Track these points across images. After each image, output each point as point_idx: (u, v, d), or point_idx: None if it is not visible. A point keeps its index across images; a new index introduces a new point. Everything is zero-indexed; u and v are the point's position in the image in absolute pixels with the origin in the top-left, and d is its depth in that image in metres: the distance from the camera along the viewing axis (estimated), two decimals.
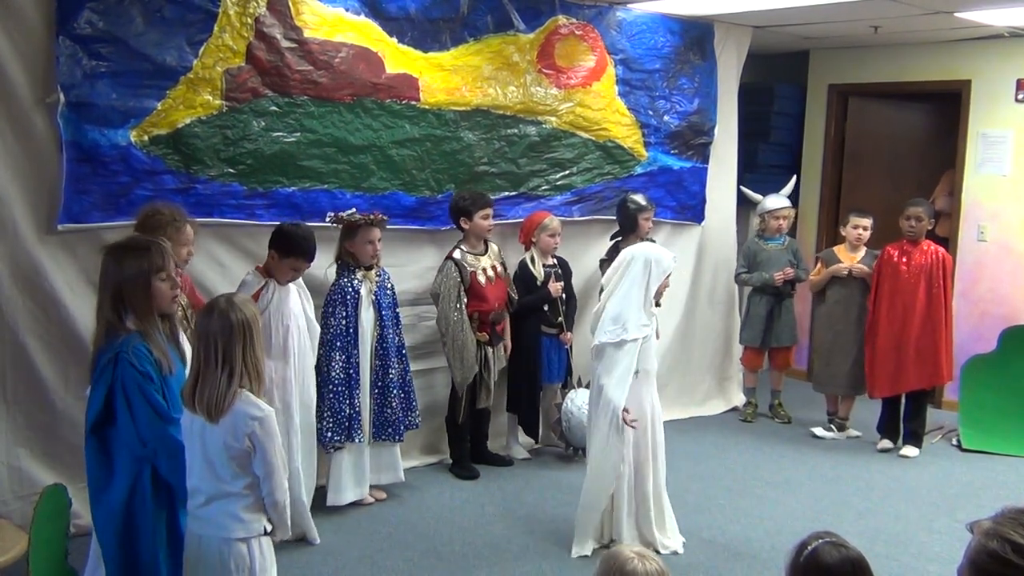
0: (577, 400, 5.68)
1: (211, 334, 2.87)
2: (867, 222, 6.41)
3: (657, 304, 4.49)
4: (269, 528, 2.97)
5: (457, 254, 5.43)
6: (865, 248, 6.43)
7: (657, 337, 4.72)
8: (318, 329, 4.73)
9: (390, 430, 5.05)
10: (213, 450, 2.89)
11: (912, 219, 6.13)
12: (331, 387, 4.83)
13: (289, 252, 4.44)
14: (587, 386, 5.83)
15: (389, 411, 5.03)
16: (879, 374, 6.24)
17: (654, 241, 5.95)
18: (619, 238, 6.08)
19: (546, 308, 5.78)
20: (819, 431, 6.56)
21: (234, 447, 2.86)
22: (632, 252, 4.49)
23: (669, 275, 4.44)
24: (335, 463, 4.94)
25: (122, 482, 3.10)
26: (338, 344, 4.85)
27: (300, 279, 4.66)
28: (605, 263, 6.02)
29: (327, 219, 4.96)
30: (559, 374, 5.92)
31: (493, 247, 5.63)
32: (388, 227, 5.13)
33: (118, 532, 3.11)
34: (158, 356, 3.11)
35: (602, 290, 4.57)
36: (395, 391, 5.04)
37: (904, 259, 6.16)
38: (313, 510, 4.90)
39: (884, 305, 6.18)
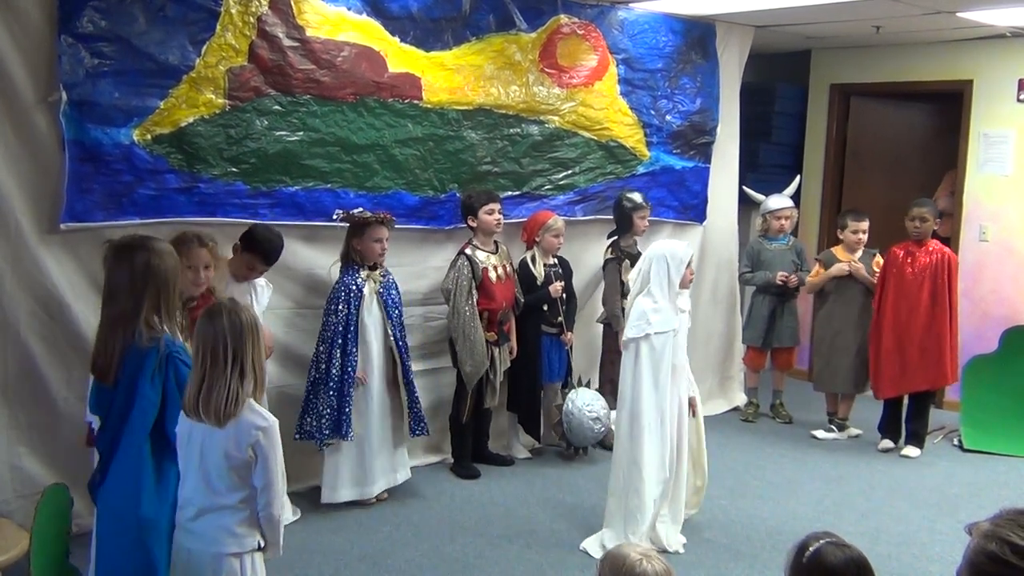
0: (578, 401, 5.68)
1: (219, 335, 2.78)
2: (865, 225, 6.40)
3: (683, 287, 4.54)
4: (262, 543, 2.89)
5: (469, 250, 5.45)
6: (863, 248, 6.43)
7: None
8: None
9: (411, 423, 5.08)
10: (211, 460, 2.81)
11: (917, 219, 6.11)
12: (330, 384, 4.84)
13: (249, 248, 4.56)
14: (587, 385, 5.87)
15: (417, 406, 5.08)
16: (884, 375, 6.22)
17: (635, 242, 6.02)
18: (615, 237, 6.09)
19: (546, 308, 5.78)
20: (819, 434, 6.55)
21: (235, 457, 2.78)
22: (648, 254, 4.57)
23: (690, 264, 4.53)
24: (330, 461, 4.94)
25: (172, 483, 3.07)
26: (339, 341, 4.86)
27: (268, 289, 4.73)
28: (611, 262, 6.01)
29: (335, 216, 4.97)
30: (559, 373, 5.91)
31: (503, 247, 5.64)
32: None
33: (164, 533, 3.05)
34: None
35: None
36: (412, 387, 5.08)
37: (909, 260, 6.14)
38: (314, 509, 4.92)
39: (889, 306, 6.16)
